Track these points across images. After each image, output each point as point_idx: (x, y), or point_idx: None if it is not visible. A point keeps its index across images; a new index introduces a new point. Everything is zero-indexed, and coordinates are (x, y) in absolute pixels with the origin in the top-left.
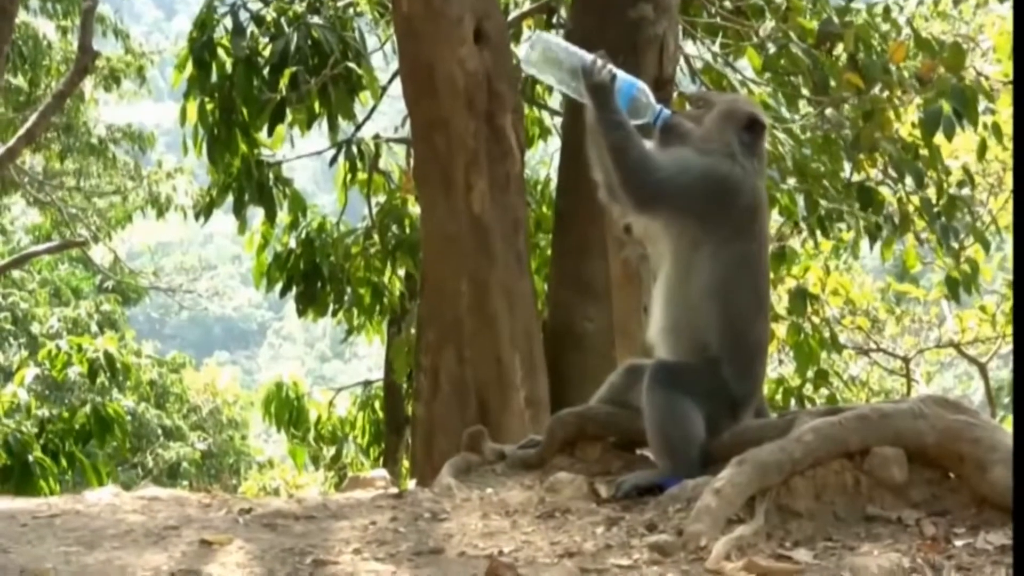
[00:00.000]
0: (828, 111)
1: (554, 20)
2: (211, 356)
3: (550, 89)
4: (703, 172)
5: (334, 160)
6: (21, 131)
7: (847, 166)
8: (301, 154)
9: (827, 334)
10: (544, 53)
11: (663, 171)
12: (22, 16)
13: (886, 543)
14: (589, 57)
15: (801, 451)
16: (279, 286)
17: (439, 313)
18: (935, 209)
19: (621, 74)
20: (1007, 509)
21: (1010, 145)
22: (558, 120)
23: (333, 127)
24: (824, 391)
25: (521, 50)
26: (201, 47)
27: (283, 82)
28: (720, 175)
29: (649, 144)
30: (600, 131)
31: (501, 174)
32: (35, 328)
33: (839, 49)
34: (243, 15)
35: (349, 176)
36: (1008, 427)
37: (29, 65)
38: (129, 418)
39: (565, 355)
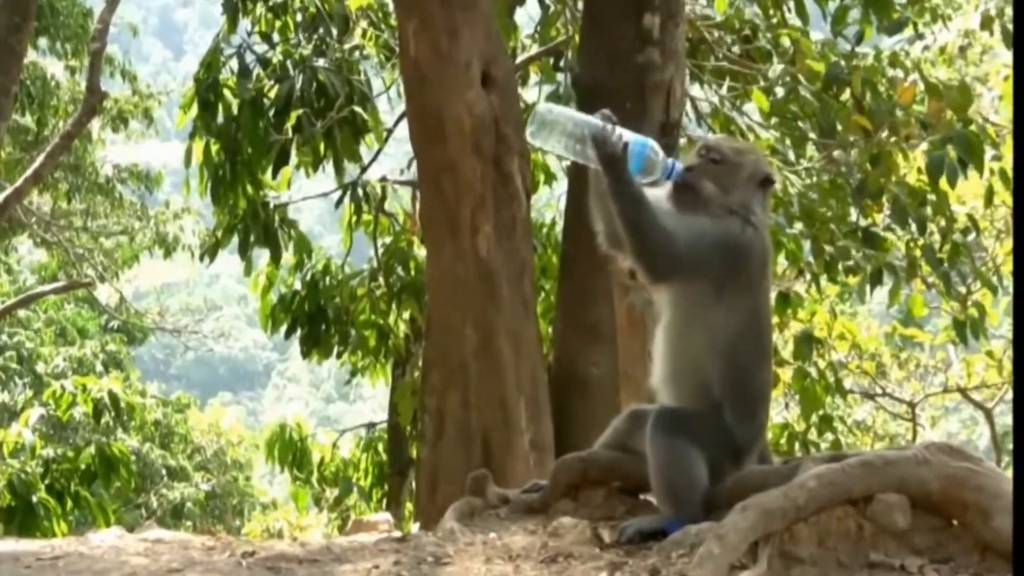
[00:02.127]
0: (836, 153)
1: (561, 64)
2: (216, 396)
3: None
4: (718, 239)
5: (340, 202)
6: (29, 171)
7: (853, 211)
8: (307, 196)
9: (832, 379)
10: (548, 123)
11: (678, 243)
12: (30, 56)
13: None
14: (596, 122)
15: (805, 497)
16: (284, 327)
17: (444, 356)
18: (938, 256)
19: (628, 134)
20: (1010, 557)
21: None
22: (564, 164)
23: (339, 169)
24: (829, 436)
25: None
26: (207, 88)
27: (288, 124)
28: (733, 239)
29: (661, 192)
30: (614, 203)
31: (507, 218)
32: (40, 368)
33: (846, 94)
34: (249, 57)
35: (355, 218)
36: None
37: (37, 105)
38: (134, 458)
39: (570, 399)
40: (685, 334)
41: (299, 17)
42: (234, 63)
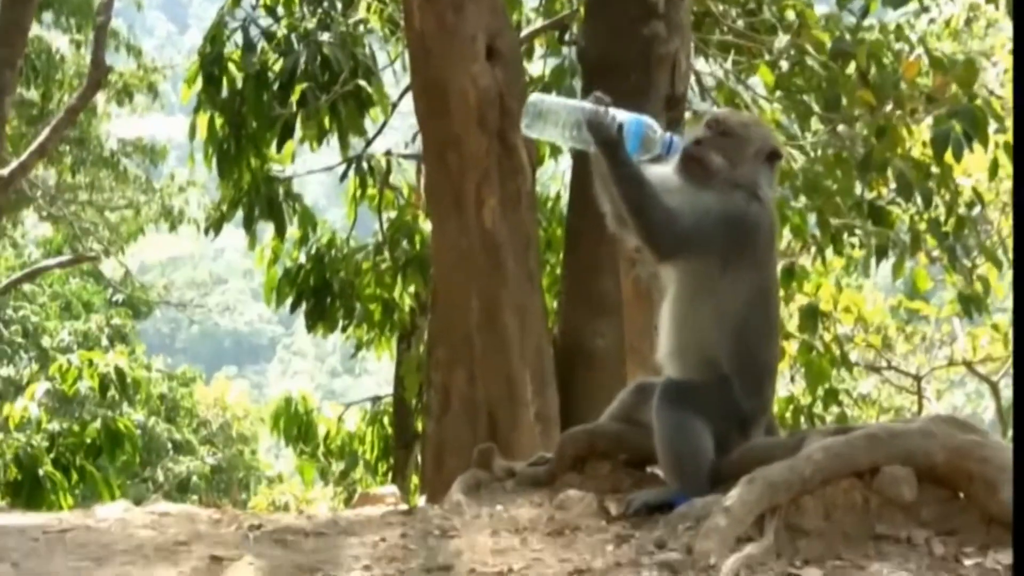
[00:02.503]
0: (840, 127)
1: (566, 37)
2: (221, 370)
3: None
4: (723, 215)
5: (344, 176)
6: (34, 145)
7: (858, 185)
8: (312, 169)
9: (838, 352)
10: (541, 114)
11: (684, 220)
12: (35, 30)
13: (895, 562)
14: (589, 106)
15: (810, 469)
16: (289, 301)
17: (450, 330)
18: (943, 230)
19: (623, 115)
20: None
21: None
22: None
23: (343, 143)
24: (834, 409)
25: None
26: (211, 62)
27: (293, 98)
28: (739, 214)
29: (665, 169)
30: (614, 185)
31: (512, 191)
32: (46, 342)
33: (851, 67)
34: (253, 31)
35: (359, 192)
36: None
37: (42, 79)
38: (139, 432)
39: (576, 372)
40: (692, 308)
41: None
42: (238, 37)
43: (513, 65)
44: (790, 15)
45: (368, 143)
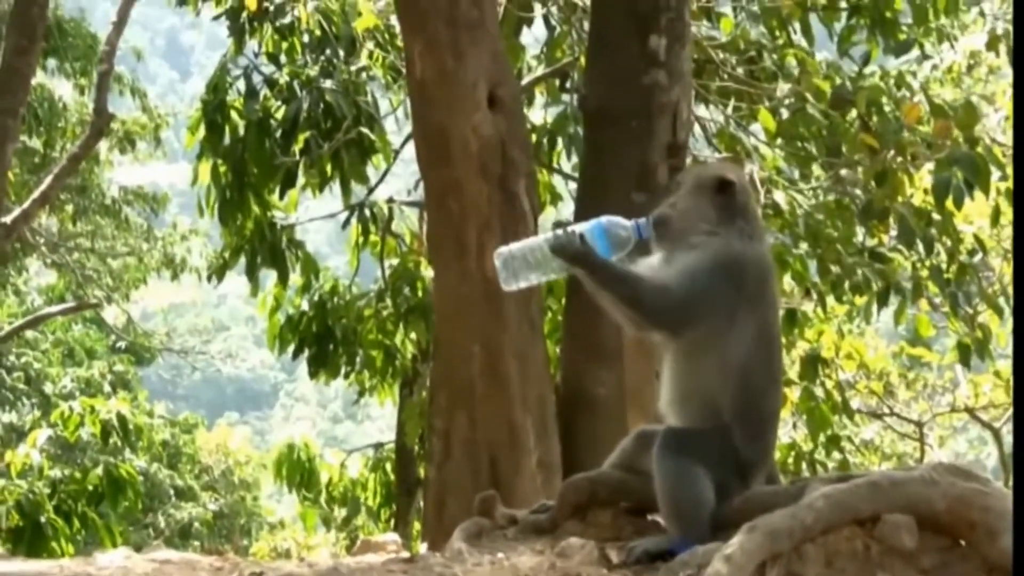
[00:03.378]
0: (842, 171)
1: (567, 85)
2: (223, 417)
3: (566, 153)
4: (710, 268)
5: (347, 223)
6: (36, 193)
7: (860, 231)
8: (314, 216)
9: (839, 399)
10: (509, 265)
11: (678, 292)
12: (38, 78)
13: None
14: (548, 235)
15: (812, 517)
16: (292, 348)
17: (451, 376)
18: (945, 276)
19: (582, 225)
20: None
21: None
22: (571, 185)
23: (346, 190)
24: (836, 456)
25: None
26: (214, 109)
27: (296, 145)
28: (724, 260)
29: (651, 258)
30: (602, 291)
31: (514, 238)
32: (48, 388)
33: (852, 114)
34: (256, 78)
35: (362, 239)
36: None
37: (44, 127)
38: (141, 479)
39: (577, 420)
40: (696, 357)
41: (306, 38)
42: (241, 84)
43: (515, 113)
44: (791, 62)
45: (370, 190)
